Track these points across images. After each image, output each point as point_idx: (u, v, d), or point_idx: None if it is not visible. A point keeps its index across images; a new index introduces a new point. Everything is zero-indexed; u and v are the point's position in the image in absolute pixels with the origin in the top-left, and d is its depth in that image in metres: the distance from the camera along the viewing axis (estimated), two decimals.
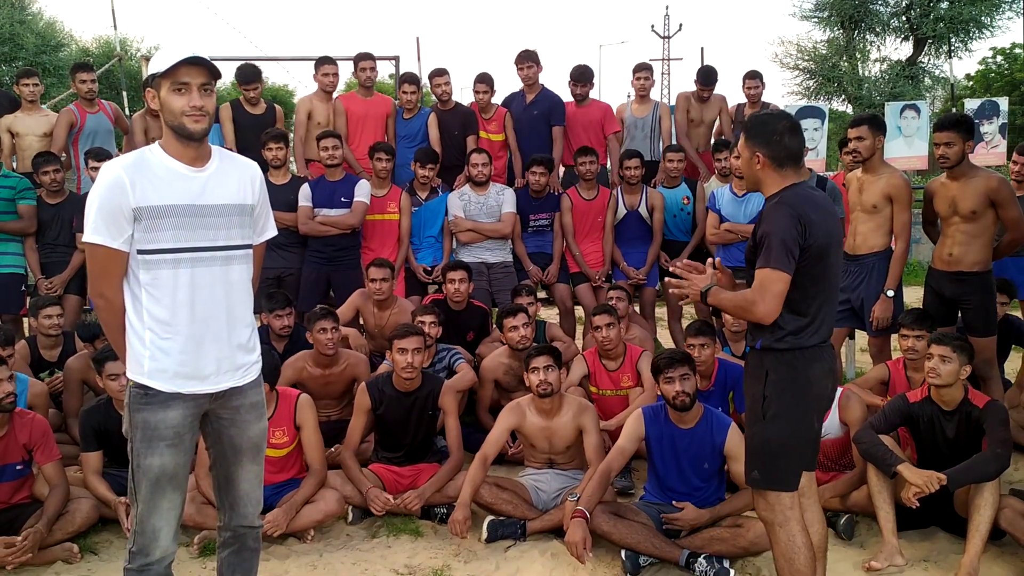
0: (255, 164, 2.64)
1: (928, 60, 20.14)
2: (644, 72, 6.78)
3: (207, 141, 2.49)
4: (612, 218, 6.11)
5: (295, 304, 5.26)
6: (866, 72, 20.66)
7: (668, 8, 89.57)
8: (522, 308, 4.95)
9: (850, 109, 20.45)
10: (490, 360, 5.01)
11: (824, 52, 20.75)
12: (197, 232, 2.42)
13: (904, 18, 19.77)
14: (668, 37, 43.83)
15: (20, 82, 6.52)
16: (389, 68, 19.43)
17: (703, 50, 33.35)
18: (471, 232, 5.94)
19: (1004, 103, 9.75)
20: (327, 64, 6.44)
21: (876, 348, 4.95)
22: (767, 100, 7.04)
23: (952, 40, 19.06)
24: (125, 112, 8.10)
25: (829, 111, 11.53)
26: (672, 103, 7.36)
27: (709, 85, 6.88)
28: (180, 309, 2.41)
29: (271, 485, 3.81)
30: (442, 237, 6.06)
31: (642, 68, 6.81)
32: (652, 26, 49.38)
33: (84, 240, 2.38)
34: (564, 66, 8.92)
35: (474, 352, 5.36)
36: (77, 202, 5.74)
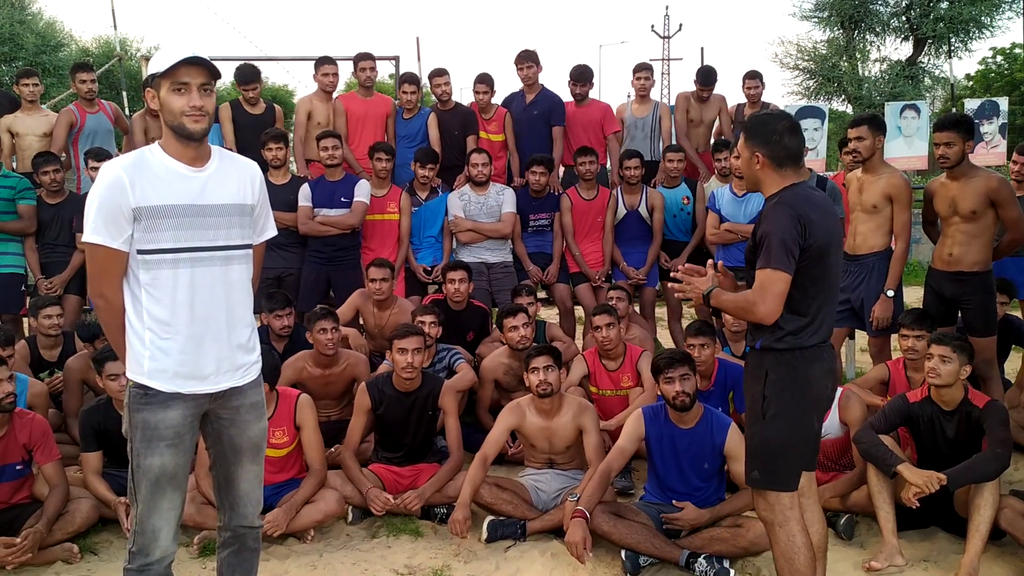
0: (255, 164, 2.64)
1: (928, 60, 20.15)
2: (644, 72, 6.79)
3: (207, 141, 2.49)
4: (612, 218, 6.11)
5: (295, 304, 5.26)
6: (866, 72, 20.66)
7: (668, 8, 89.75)
8: (522, 308, 4.95)
9: (850, 109, 20.44)
10: (490, 360, 5.01)
11: (824, 52, 20.74)
12: (197, 232, 2.42)
13: (904, 18, 19.76)
14: (668, 37, 43.85)
15: (20, 82, 6.52)
16: (389, 68, 19.47)
17: (703, 50, 33.48)
18: (471, 232, 5.94)
19: (1004, 103, 9.73)
20: (327, 64, 6.44)
21: (876, 348, 4.95)
22: (767, 100, 7.04)
23: (952, 40, 19.06)
24: (125, 112, 8.10)
25: (829, 111, 11.52)
26: (672, 103, 7.36)
27: (708, 85, 6.88)
28: (180, 309, 2.41)
29: (271, 485, 3.80)
30: (442, 237, 6.06)
31: (642, 68, 6.81)
32: (652, 26, 49.44)
33: (84, 240, 2.38)
34: (564, 66, 8.92)
35: (474, 352, 5.36)
36: (77, 202, 5.74)
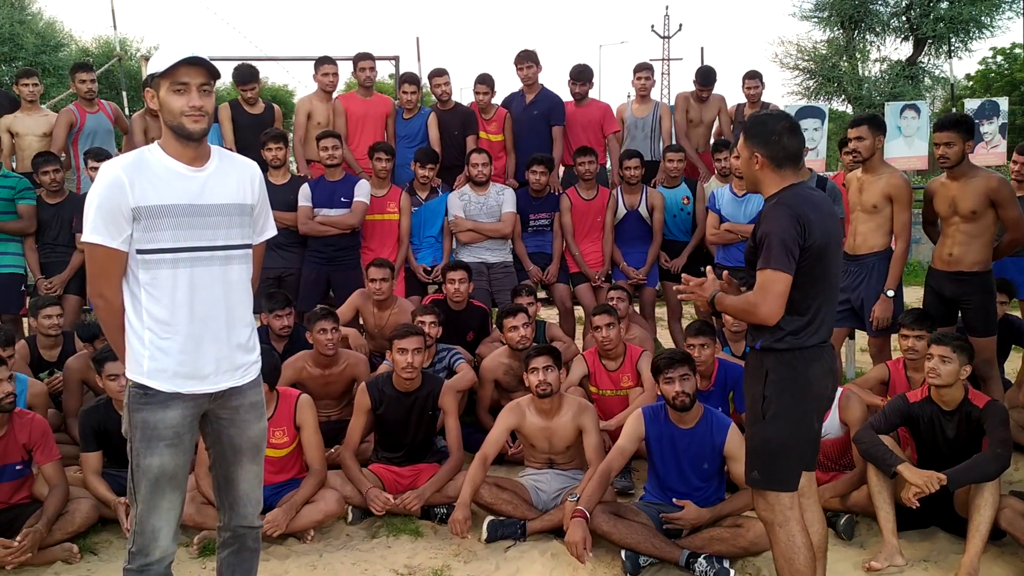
0: (254, 164, 2.64)
1: (928, 60, 20.16)
2: (645, 72, 6.78)
3: (206, 141, 2.49)
4: (612, 218, 6.10)
5: (295, 304, 5.26)
6: (866, 72, 20.66)
7: (668, 8, 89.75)
8: (522, 308, 4.94)
9: (850, 109, 20.45)
10: (490, 360, 5.01)
11: (824, 52, 20.75)
12: (196, 232, 2.42)
13: (904, 18, 19.77)
14: (668, 37, 43.86)
15: (20, 82, 6.53)
16: (389, 68, 19.47)
17: (703, 50, 33.47)
18: (471, 232, 5.93)
19: (1004, 103, 9.72)
20: (327, 64, 6.44)
21: (876, 348, 4.95)
22: (767, 100, 7.04)
23: (952, 40, 19.06)
24: (125, 112, 8.09)
25: (829, 111, 11.51)
26: (672, 103, 7.36)
27: (708, 85, 6.88)
28: (179, 309, 2.41)
29: (271, 485, 3.80)
30: (442, 237, 6.06)
31: (643, 68, 6.81)
32: (652, 26, 49.42)
33: (83, 240, 2.38)
34: (564, 66, 8.91)
35: (474, 352, 5.36)
36: (77, 202, 5.74)
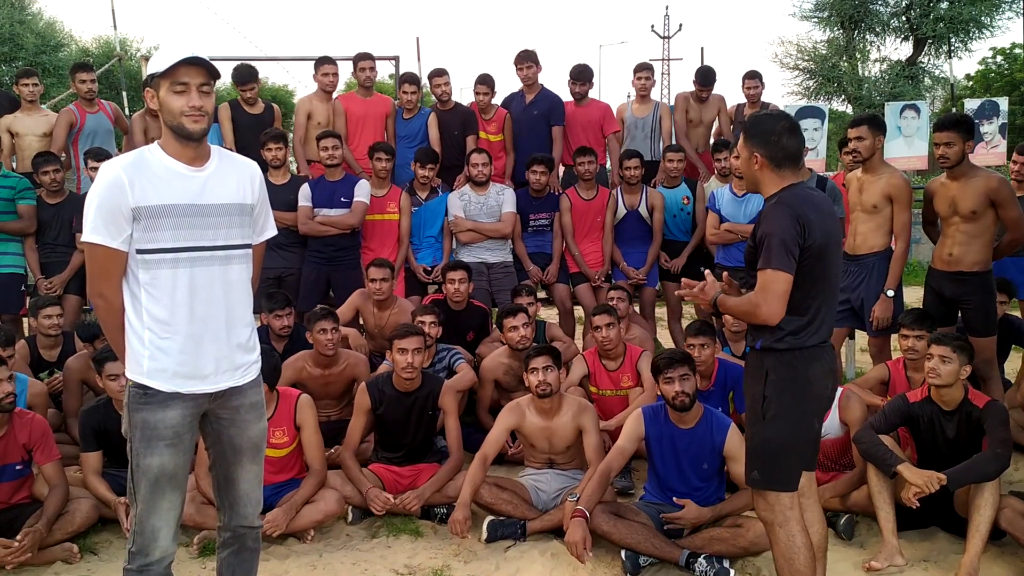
0: (254, 163, 2.64)
1: (928, 60, 20.16)
2: (645, 72, 6.79)
3: (206, 141, 2.49)
4: (612, 218, 6.10)
5: (295, 304, 5.26)
6: (866, 72, 20.66)
7: (668, 8, 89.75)
8: (522, 308, 4.94)
9: (850, 109, 20.45)
10: (490, 360, 5.01)
11: (824, 52, 20.75)
12: (196, 232, 2.42)
13: (904, 18, 19.77)
14: (668, 37, 43.87)
15: (20, 82, 6.53)
16: (389, 68, 19.45)
17: (703, 50, 33.49)
18: (471, 232, 5.93)
19: (1004, 103, 9.72)
20: (327, 64, 6.44)
21: (876, 348, 4.95)
22: (767, 100, 7.04)
23: (952, 40, 19.06)
24: (125, 112, 8.09)
25: (829, 111, 11.51)
26: (672, 103, 7.36)
27: (707, 85, 6.88)
28: (179, 309, 2.41)
29: (271, 485, 3.80)
30: (442, 237, 6.06)
31: (643, 68, 6.81)
32: (652, 26, 49.39)
33: (83, 240, 2.38)
34: (564, 66, 8.90)
35: (474, 352, 5.36)
36: (77, 202, 5.74)
